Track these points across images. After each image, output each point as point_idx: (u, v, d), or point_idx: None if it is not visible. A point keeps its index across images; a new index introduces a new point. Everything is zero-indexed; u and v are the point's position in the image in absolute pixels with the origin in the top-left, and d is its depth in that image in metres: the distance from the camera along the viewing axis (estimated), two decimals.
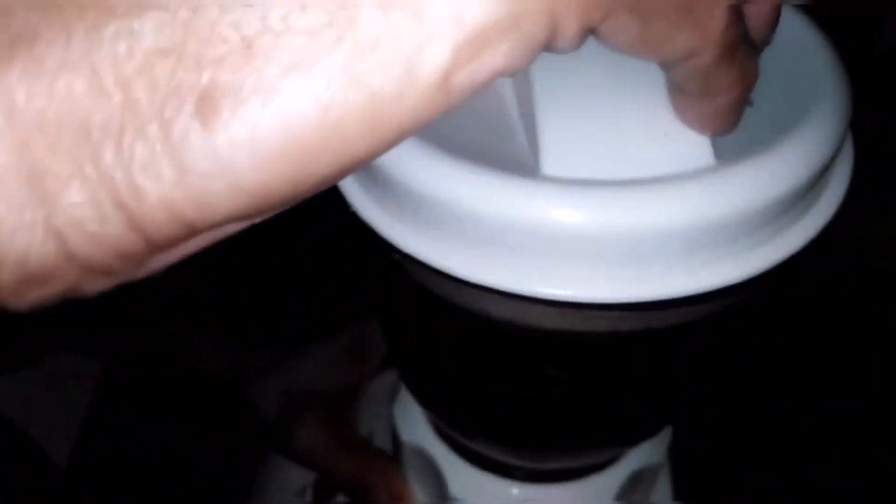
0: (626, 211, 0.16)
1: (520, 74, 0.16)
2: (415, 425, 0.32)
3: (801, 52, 0.19)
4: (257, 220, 0.12)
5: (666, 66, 0.15)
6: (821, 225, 0.18)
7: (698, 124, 0.17)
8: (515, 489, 0.30)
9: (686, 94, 0.16)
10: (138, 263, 0.12)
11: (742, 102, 0.16)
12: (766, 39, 0.17)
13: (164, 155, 0.11)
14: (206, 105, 0.11)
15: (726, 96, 0.16)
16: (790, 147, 0.17)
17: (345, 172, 0.12)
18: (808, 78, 0.19)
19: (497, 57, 0.11)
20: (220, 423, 0.40)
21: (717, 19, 0.13)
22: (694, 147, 0.17)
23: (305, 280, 0.42)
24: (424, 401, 0.29)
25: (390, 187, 0.18)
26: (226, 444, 0.40)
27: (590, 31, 0.12)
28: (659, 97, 0.17)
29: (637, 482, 0.31)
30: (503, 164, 0.17)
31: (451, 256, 0.17)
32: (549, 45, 0.12)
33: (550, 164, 0.17)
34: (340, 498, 0.36)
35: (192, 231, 0.12)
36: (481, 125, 0.19)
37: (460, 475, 0.30)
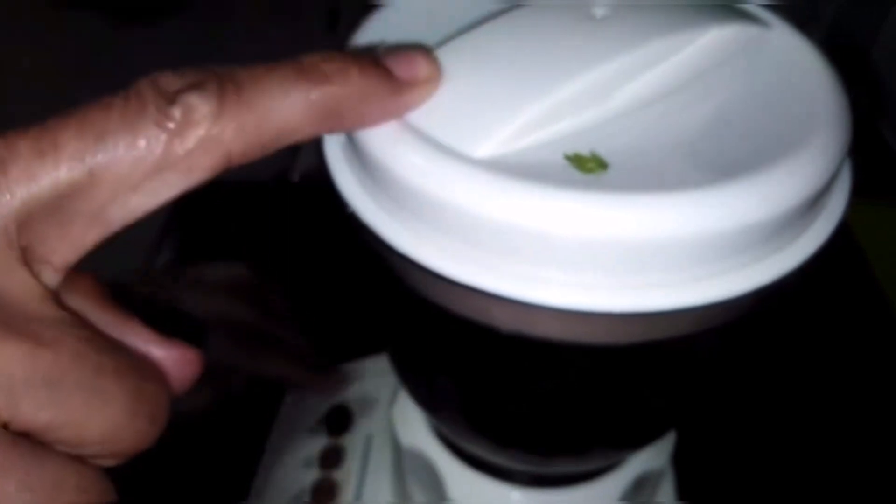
0: (632, 220, 0.16)
1: None
2: (415, 429, 0.31)
3: (801, 72, 0.20)
4: None
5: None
6: (822, 240, 0.18)
7: None
8: (516, 493, 0.30)
9: None
10: None
11: None
12: None
13: None
14: None
15: None
16: (788, 166, 0.17)
17: None
18: (808, 97, 0.19)
19: None
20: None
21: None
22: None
23: None
24: (424, 404, 0.29)
25: (390, 184, 0.18)
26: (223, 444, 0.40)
27: None
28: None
29: (640, 487, 0.31)
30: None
31: (452, 262, 0.17)
32: None
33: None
34: (340, 499, 0.36)
35: None
36: None
37: (460, 479, 0.30)
